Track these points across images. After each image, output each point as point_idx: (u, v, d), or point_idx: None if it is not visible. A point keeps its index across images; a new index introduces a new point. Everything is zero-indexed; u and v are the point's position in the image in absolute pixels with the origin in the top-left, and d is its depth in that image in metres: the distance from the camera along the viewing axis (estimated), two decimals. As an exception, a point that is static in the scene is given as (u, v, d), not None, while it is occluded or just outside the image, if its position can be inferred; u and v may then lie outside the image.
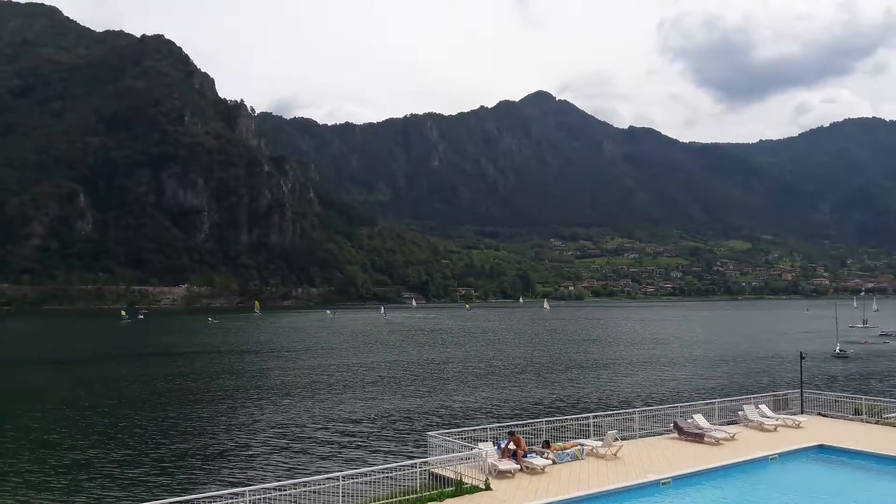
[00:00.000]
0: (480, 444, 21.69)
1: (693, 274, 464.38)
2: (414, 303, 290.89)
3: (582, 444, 23.08)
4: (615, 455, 22.55)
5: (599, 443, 23.15)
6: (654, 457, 22.69)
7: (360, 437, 33.80)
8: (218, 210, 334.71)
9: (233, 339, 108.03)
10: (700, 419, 26.55)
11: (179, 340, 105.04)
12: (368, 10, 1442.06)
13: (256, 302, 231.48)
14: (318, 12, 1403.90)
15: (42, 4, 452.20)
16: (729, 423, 27.66)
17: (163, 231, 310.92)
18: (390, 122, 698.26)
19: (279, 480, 22.09)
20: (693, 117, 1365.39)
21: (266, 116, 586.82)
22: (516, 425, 24.61)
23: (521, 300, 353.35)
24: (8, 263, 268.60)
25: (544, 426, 24.48)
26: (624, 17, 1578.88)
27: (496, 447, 21.83)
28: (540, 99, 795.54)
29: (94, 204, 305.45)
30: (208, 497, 16.54)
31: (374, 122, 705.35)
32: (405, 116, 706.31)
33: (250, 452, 30.89)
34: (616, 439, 23.09)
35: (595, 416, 25.57)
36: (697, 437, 25.03)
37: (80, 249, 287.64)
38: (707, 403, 29.10)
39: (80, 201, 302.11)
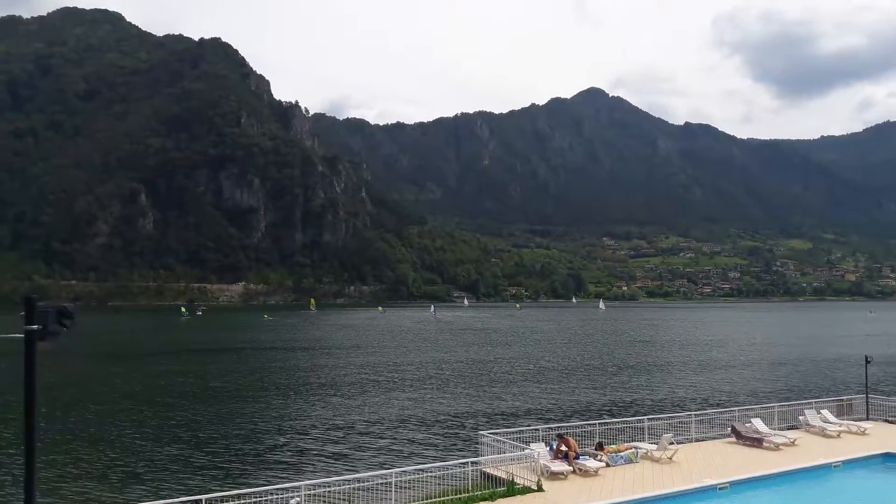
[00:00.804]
0: (532, 445, 21.66)
1: (751, 274, 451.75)
2: (465, 301, 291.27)
3: (636, 447, 22.81)
4: (670, 459, 22.23)
5: (654, 446, 22.84)
6: (710, 461, 22.28)
7: (409, 436, 33.95)
8: (273, 209, 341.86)
9: (286, 335, 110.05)
10: (759, 423, 25.92)
11: (235, 336, 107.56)
12: (418, 9, 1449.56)
13: (312, 300, 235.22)
14: (369, 14, 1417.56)
15: (106, 11, 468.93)
16: (789, 429, 26.93)
17: (220, 230, 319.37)
18: (441, 122, 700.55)
19: (331, 476, 22.46)
20: (751, 113, 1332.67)
21: (320, 117, 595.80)
22: (568, 427, 24.46)
23: (573, 300, 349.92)
24: (75, 261, 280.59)
25: (597, 428, 24.27)
26: (678, 11, 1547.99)
27: (548, 448, 21.75)
28: (592, 95, 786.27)
29: (156, 203, 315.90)
30: (265, 490, 17.00)
31: (425, 121, 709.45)
32: (455, 115, 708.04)
33: (300, 448, 31.37)
34: (671, 443, 22.76)
35: (650, 419, 25.22)
36: (756, 441, 24.46)
37: (142, 247, 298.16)
38: (766, 408, 28.39)
39: (141, 201, 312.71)
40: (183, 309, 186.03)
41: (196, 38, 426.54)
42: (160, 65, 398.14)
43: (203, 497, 16.02)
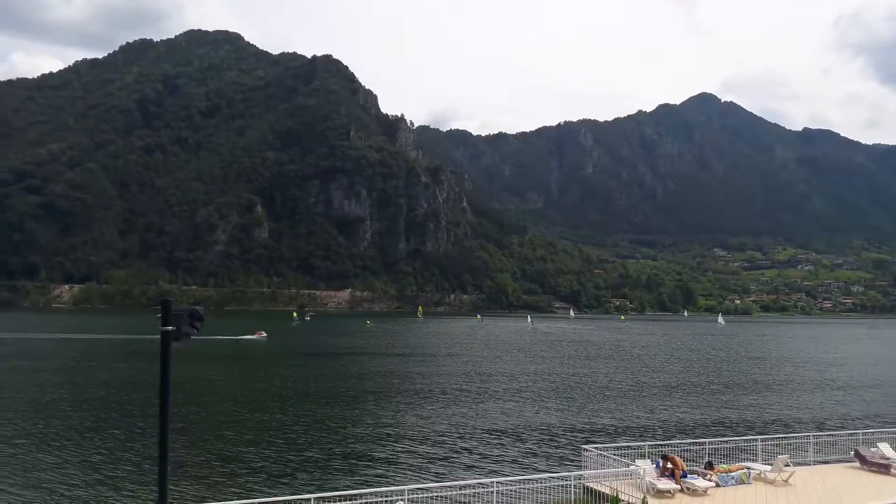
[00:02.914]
0: (638, 461, 21.25)
1: (877, 289, 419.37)
2: (572, 313, 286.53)
3: (749, 468, 21.92)
4: (786, 481, 21.22)
5: (769, 467, 21.87)
6: (830, 486, 21.07)
7: (505, 447, 33.77)
8: (379, 219, 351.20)
9: (385, 341, 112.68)
10: (886, 448, 24.25)
11: (339, 341, 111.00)
12: (522, 19, 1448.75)
13: (420, 308, 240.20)
14: (472, 26, 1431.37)
15: (227, 31, 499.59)
16: (921, 456, 24.96)
17: (330, 239, 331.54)
18: (543, 131, 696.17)
19: (429, 482, 22.76)
20: (877, 117, 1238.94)
21: (424, 129, 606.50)
22: (675, 444, 23.81)
23: (685, 313, 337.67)
24: (197, 268, 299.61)
25: (707, 446, 23.48)
26: (793, 12, 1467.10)
27: (654, 465, 21.28)
28: (703, 101, 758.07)
29: (270, 213, 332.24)
30: (371, 493, 17.55)
31: (527, 131, 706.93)
32: (558, 124, 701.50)
33: (395, 454, 31.84)
34: (787, 465, 21.70)
35: (764, 439, 24.14)
36: (883, 468, 22.90)
37: (257, 255, 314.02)
38: (894, 432, 26.48)
39: (257, 211, 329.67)
40: (294, 314, 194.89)
41: (309, 56, 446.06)
42: (276, 81, 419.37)
43: (311, 496, 16.71)
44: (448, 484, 18.89)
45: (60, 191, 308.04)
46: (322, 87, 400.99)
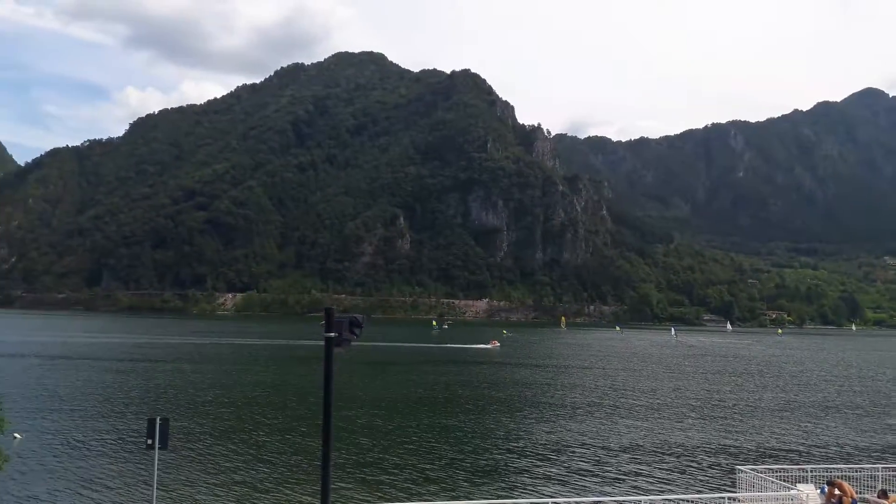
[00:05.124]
0: (800, 486, 20.05)
1: None
2: (729, 326, 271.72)
3: (929, 500, 19.99)
4: (974, 517, 19.15)
5: (952, 500, 19.83)
6: None
7: (644, 464, 32.77)
8: (516, 229, 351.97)
9: (522, 351, 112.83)
10: None
11: (474, 351, 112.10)
12: (660, 16, 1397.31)
13: (563, 318, 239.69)
14: (609, 31, 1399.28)
15: (371, 52, 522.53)
16: None
17: (468, 249, 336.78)
18: (689, 134, 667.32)
19: (570, 497, 22.48)
20: None
21: (561, 137, 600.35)
22: (841, 469, 22.20)
23: (852, 327, 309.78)
24: (346, 277, 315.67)
25: (880, 473, 21.68)
26: None
27: (818, 491, 19.98)
28: (868, 97, 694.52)
29: (412, 225, 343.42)
30: (512, 503, 17.80)
31: (671, 134, 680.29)
32: (706, 126, 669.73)
33: (530, 466, 31.77)
34: (976, 499, 19.59)
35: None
36: None
37: (400, 266, 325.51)
38: None
39: (400, 223, 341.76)
40: (434, 322, 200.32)
41: (448, 71, 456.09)
42: (417, 98, 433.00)
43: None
44: (598, 499, 18.76)
45: (225, 207, 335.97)
46: (460, 101, 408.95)
